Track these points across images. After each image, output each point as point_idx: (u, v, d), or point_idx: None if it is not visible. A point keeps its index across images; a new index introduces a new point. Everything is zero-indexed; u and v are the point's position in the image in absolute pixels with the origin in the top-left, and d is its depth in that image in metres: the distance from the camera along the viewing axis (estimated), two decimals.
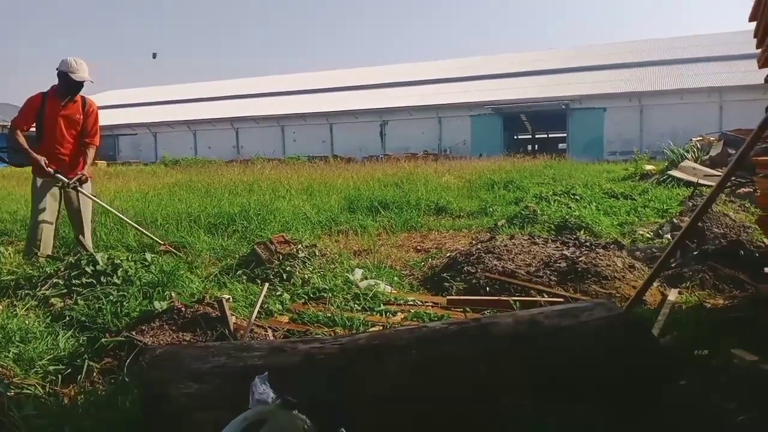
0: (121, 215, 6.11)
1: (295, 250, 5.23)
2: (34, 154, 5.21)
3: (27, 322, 3.53)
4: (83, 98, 5.51)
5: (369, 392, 2.09)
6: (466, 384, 2.18)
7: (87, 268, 4.15)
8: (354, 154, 34.38)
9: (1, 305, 4.05)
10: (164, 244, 5.82)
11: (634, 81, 37.86)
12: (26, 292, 4.17)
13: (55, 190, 5.35)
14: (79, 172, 5.38)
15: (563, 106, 36.98)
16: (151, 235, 6.07)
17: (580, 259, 4.54)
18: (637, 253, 5.44)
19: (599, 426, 2.15)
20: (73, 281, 4.09)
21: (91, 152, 5.54)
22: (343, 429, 1.82)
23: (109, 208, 5.83)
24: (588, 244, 5.34)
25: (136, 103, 54.93)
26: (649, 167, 16.46)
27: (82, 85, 5.37)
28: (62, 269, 4.31)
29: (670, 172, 13.36)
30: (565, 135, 39.20)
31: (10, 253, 5.36)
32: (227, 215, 7.62)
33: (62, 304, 3.91)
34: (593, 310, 2.52)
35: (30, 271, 4.56)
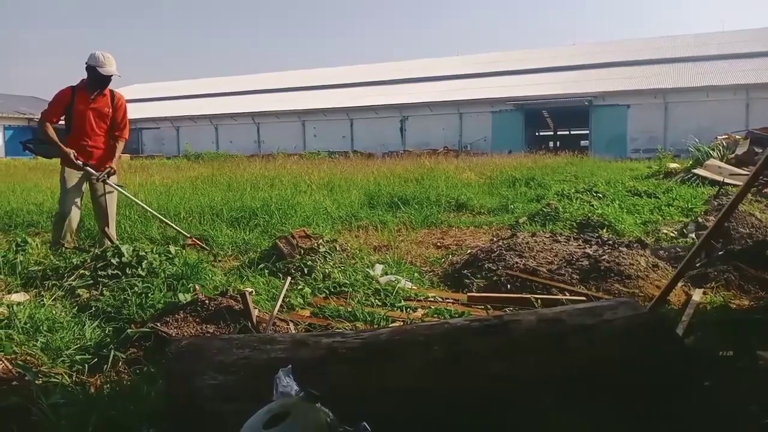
0: (148, 208, 6.20)
1: (316, 244, 5.26)
2: (64, 147, 5.31)
3: (54, 312, 3.61)
4: (112, 92, 5.58)
5: (390, 387, 2.10)
6: (488, 381, 2.18)
7: (113, 260, 4.22)
8: (374, 149, 34.35)
9: (28, 295, 4.14)
10: (191, 237, 5.88)
11: (659, 77, 37.29)
12: (53, 282, 4.26)
13: (82, 182, 5.44)
14: (107, 166, 5.46)
15: (586, 103, 36.55)
16: (179, 228, 6.14)
17: (603, 257, 4.50)
18: (661, 252, 5.38)
19: (622, 426, 2.14)
20: (99, 272, 4.17)
21: (120, 145, 5.63)
22: (364, 423, 1.83)
23: (137, 201, 5.90)
24: (611, 242, 5.29)
25: (159, 97, 55.51)
26: (673, 165, 16.23)
27: (110, 79, 5.45)
28: (88, 260, 4.39)
29: (695, 171, 13.16)
30: (587, 132, 38.75)
31: (37, 244, 5.46)
32: (249, 209, 7.69)
33: (88, 294, 3.98)
34: (617, 309, 2.50)
35: (57, 262, 4.65)
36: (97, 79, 5.38)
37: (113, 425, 2.22)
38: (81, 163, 5.33)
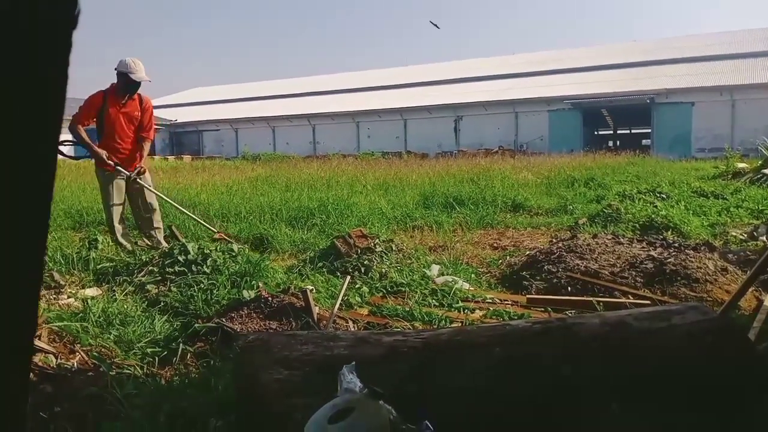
0: (177, 205, 6.40)
1: (372, 244, 5.31)
2: (96, 148, 5.56)
3: (125, 306, 3.78)
4: (140, 95, 5.80)
5: (451, 387, 2.11)
6: (550, 384, 2.15)
7: (179, 257, 4.38)
8: (427, 149, 34.30)
9: (101, 290, 4.35)
10: (219, 233, 6.04)
11: (726, 74, 35.69)
12: (124, 278, 4.45)
13: (120, 181, 5.69)
14: (137, 165, 5.68)
15: (647, 101, 35.36)
16: (206, 224, 6.34)
17: (669, 260, 4.36)
18: (730, 255, 5.17)
19: None
20: (167, 269, 4.33)
21: (146, 146, 5.85)
22: (426, 422, 1.85)
23: (166, 198, 6.10)
24: (676, 244, 5.12)
25: (219, 100, 57.08)
26: (741, 165, 15.52)
27: (140, 85, 5.66)
28: (156, 257, 4.57)
29: (765, 171, 12.55)
30: (649, 131, 37.53)
31: (107, 241, 5.72)
32: (307, 209, 7.82)
33: (157, 290, 4.15)
34: (686, 314, 2.42)
35: (127, 259, 4.86)
36: (127, 85, 5.59)
37: (183, 416, 2.31)
38: (113, 163, 5.58)
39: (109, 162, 5.57)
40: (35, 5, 0.52)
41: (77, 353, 3.11)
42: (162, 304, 3.86)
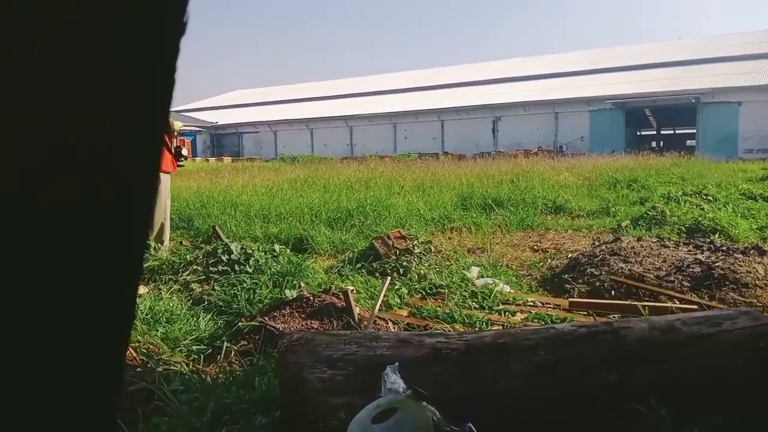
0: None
1: (411, 245, 5.31)
2: None
3: (171, 304, 3.87)
4: None
5: (495, 389, 2.10)
6: (595, 388, 2.12)
7: (222, 257, 4.47)
8: (465, 150, 34.07)
9: (148, 288, 4.46)
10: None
11: None
12: (169, 277, 4.57)
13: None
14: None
15: (693, 100, 34.38)
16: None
17: (717, 264, 4.24)
18: None
19: None
20: (210, 269, 4.42)
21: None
22: (470, 424, 1.84)
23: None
24: (724, 248, 4.97)
25: (258, 102, 57.90)
26: None
27: None
28: (200, 257, 4.67)
29: None
30: (694, 131, 36.47)
31: (152, 241, 5.86)
32: (345, 210, 7.87)
33: (201, 289, 4.24)
34: (737, 319, 2.35)
35: (172, 258, 4.97)
36: None
37: (228, 412, 2.35)
38: None
39: None
40: (149, 15, 0.54)
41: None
42: (206, 302, 3.95)
